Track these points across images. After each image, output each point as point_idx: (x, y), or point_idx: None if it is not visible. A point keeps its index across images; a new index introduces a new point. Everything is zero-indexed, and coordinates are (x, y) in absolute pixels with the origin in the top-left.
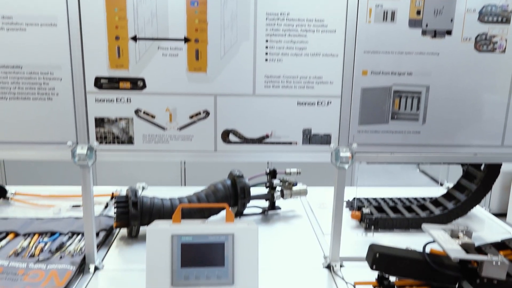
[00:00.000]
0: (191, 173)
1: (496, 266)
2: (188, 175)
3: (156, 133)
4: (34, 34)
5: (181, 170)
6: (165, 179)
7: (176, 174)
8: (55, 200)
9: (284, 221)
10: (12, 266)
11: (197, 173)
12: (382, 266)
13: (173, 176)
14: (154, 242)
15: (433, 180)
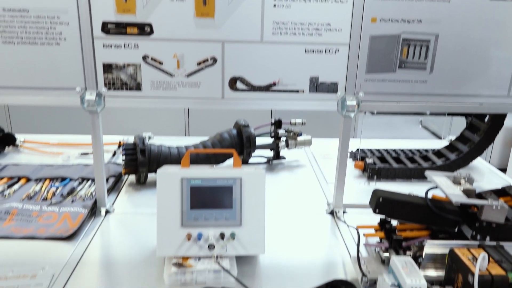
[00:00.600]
0: (195, 124)
1: (495, 210)
2: (192, 125)
3: (163, 79)
4: None
5: (185, 121)
6: (170, 129)
7: (180, 125)
8: (64, 148)
9: (289, 171)
10: (26, 208)
11: (201, 123)
12: (385, 210)
13: (177, 127)
14: (164, 185)
15: (435, 136)
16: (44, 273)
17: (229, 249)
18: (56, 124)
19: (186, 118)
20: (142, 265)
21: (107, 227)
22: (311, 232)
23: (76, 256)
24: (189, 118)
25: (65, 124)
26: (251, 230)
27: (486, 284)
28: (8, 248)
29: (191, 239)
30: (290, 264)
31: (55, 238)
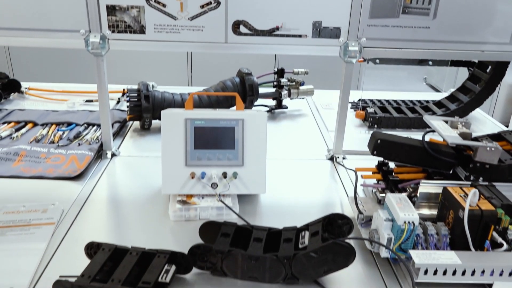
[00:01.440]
0: (198, 74)
1: (489, 151)
2: (195, 76)
3: (167, 22)
4: None
5: (188, 71)
6: (172, 80)
7: (183, 75)
8: (69, 96)
9: (291, 119)
10: (34, 150)
11: (204, 74)
12: (382, 152)
13: (180, 77)
14: (169, 125)
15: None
16: (55, 208)
17: (231, 188)
18: (59, 73)
19: (189, 68)
20: (148, 203)
21: (113, 169)
22: (311, 176)
23: (85, 194)
24: (192, 68)
25: (68, 73)
26: (252, 170)
27: (475, 218)
28: (19, 186)
29: (195, 178)
30: (290, 203)
31: (63, 178)
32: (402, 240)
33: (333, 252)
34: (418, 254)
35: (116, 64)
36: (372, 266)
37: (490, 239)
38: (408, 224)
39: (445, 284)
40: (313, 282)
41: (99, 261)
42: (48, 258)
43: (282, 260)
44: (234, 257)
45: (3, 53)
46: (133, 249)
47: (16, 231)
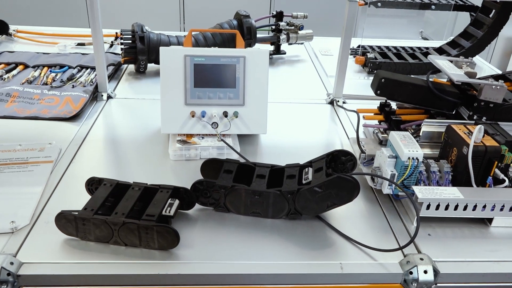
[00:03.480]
0: (191, 21)
1: (495, 89)
2: (187, 23)
3: None
4: None
5: (180, 18)
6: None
7: (175, 23)
8: (59, 39)
9: (289, 65)
10: (27, 91)
11: (197, 20)
12: (386, 91)
13: (173, 25)
14: (168, 62)
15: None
16: (52, 147)
17: (232, 128)
18: (49, 17)
19: (181, 14)
20: (147, 143)
21: (110, 110)
22: (311, 119)
23: (82, 134)
24: (184, 14)
25: (58, 17)
26: (254, 110)
27: (479, 154)
28: (13, 126)
29: (195, 117)
30: (291, 144)
31: (58, 118)
32: (406, 176)
33: (337, 187)
34: (421, 189)
35: (106, 10)
36: (374, 202)
37: (492, 176)
38: (413, 160)
39: (446, 218)
40: (315, 218)
41: (101, 195)
42: (48, 195)
43: (286, 195)
44: (237, 193)
45: None
46: (135, 184)
47: (13, 168)
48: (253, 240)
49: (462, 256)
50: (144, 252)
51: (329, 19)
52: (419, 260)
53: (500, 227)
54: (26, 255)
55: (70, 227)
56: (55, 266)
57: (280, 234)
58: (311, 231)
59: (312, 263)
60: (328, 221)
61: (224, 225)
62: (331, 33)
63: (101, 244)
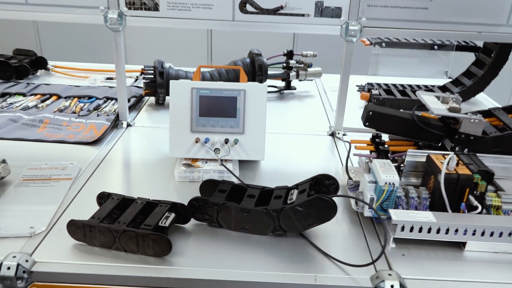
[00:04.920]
0: (218, 56)
1: (473, 123)
2: (214, 58)
3: (179, 0)
4: None
5: (208, 54)
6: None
7: (204, 56)
8: (91, 73)
9: (298, 100)
10: (57, 118)
11: (223, 55)
12: (374, 123)
13: (201, 59)
14: (177, 93)
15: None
16: (73, 166)
17: (232, 154)
18: (83, 54)
19: (209, 51)
20: (156, 165)
21: (128, 137)
22: (310, 149)
23: (100, 156)
24: (212, 51)
25: (92, 53)
26: (252, 137)
27: (452, 182)
28: (42, 149)
29: (199, 143)
30: (287, 170)
31: (82, 142)
32: (383, 199)
33: (316, 207)
34: (396, 212)
35: (137, 46)
36: (357, 225)
37: (467, 203)
38: (389, 185)
39: (423, 241)
40: (299, 236)
41: (108, 207)
42: (65, 206)
43: (271, 213)
44: (228, 210)
45: (32, 32)
46: (139, 199)
47: (38, 184)
48: (239, 252)
49: (432, 275)
50: (141, 258)
51: (339, 58)
52: (387, 275)
53: (474, 251)
54: (40, 256)
55: (79, 233)
56: (63, 266)
57: (265, 248)
58: (293, 247)
59: (289, 274)
60: (311, 239)
61: (215, 238)
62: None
63: (104, 250)
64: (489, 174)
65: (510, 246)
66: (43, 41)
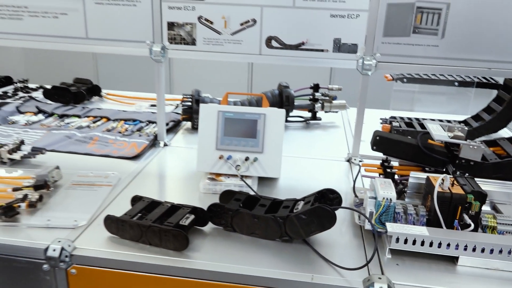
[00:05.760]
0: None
1: (473, 149)
2: (254, 86)
3: (213, 36)
4: None
5: (248, 86)
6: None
7: (244, 85)
8: (137, 101)
9: (323, 129)
10: (105, 137)
11: (262, 85)
12: (381, 147)
13: (242, 87)
14: (205, 115)
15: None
16: (114, 176)
17: (251, 170)
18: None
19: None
20: (185, 179)
21: (164, 154)
22: (326, 171)
23: (138, 169)
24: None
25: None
26: (270, 156)
27: (446, 200)
28: (90, 161)
29: (223, 160)
30: (301, 188)
31: (124, 157)
32: (380, 213)
33: (318, 215)
34: (392, 225)
35: (182, 77)
36: (358, 237)
37: (461, 221)
38: (386, 200)
39: (419, 254)
40: (303, 242)
41: (138, 207)
42: (104, 207)
43: (278, 220)
44: (241, 215)
45: (91, 63)
46: (165, 202)
47: (84, 188)
48: (248, 252)
49: (423, 283)
50: (163, 251)
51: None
52: (378, 279)
53: (466, 266)
54: (80, 243)
55: (112, 227)
56: (98, 252)
57: (271, 250)
58: (296, 251)
59: (289, 273)
60: (314, 246)
61: (229, 240)
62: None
63: (133, 242)
64: (482, 194)
65: (501, 263)
66: (100, 70)
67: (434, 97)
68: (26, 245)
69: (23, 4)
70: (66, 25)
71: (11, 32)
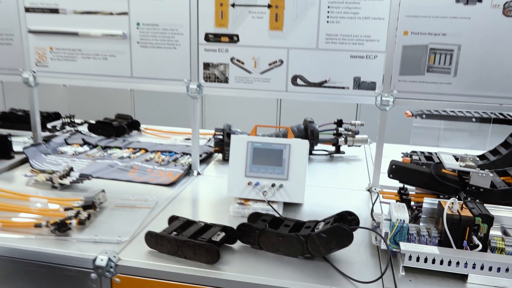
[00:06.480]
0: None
1: (481, 176)
2: (283, 119)
3: (244, 75)
4: (167, 2)
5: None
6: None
7: (273, 119)
8: (172, 135)
9: (346, 162)
10: (144, 166)
11: (290, 119)
12: (396, 175)
13: (271, 121)
14: (235, 145)
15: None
16: (152, 200)
17: (277, 196)
18: (165, 117)
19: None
20: (216, 203)
21: (197, 182)
22: (348, 199)
23: (174, 194)
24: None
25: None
26: (294, 183)
27: (455, 222)
28: (131, 187)
29: (251, 186)
30: (323, 213)
31: (161, 184)
32: (394, 233)
33: (336, 234)
34: (405, 244)
35: (212, 116)
36: (375, 256)
37: (470, 242)
38: (399, 221)
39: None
40: (323, 260)
41: (175, 225)
42: (144, 225)
43: (300, 238)
44: (267, 234)
45: (128, 99)
46: (199, 221)
47: (126, 209)
48: (273, 267)
49: None
50: (196, 264)
51: (393, 129)
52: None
53: (475, 284)
54: (124, 255)
55: (152, 242)
56: (139, 263)
57: (294, 266)
58: (317, 267)
59: (309, 285)
60: (332, 262)
61: (255, 256)
62: (392, 140)
63: (170, 256)
64: (489, 217)
65: (508, 281)
66: (137, 105)
67: (456, 133)
68: (76, 255)
69: (78, 47)
70: (114, 66)
71: (67, 71)
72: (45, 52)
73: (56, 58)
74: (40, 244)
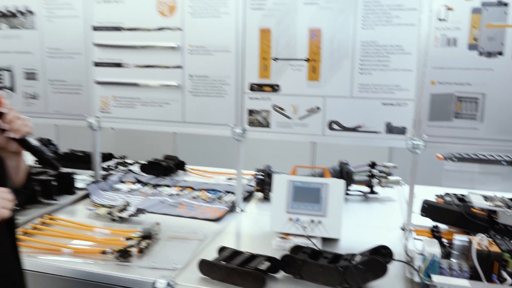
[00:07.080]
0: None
1: (509, 216)
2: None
3: (284, 121)
4: (216, 57)
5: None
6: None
7: (307, 159)
8: (215, 175)
9: (380, 202)
10: (191, 202)
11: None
12: (428, 214)
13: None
14: (278, 184)
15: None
16: (201, 233)
17: (316, 231)
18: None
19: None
20: (259, 237)
21: (241, 218)
22: (382, 236)
23: (220, 229)
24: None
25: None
26: (332, 219)
27: (484, 257)
28: (181, 222)
29: (292, 221)
30: (359, 247)
31: (208, 219)
32: (427, 266)
33: (372, 265)
34: (438, 277)
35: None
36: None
37: (499, 276)
38: (431, 255)
39: None
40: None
41: (224, 255)
42: (195, 255)
43: (339, 269)
44: (308, 265)
45: (170, 141)
46: (246, 252)
47: (178, 241)
48: None
49: None
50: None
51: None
52: None
53: None
54: (179, 280)
55: (205, 269)
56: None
57: None
58: None
59: None
60: None
61: (297, 285)
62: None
63: (220, 282)
64: None
65: None
66: (179, 147)
67: (489, 177)
68: (138, 279)
69: (137, 96)
70: (168, 112)
71: (127, 117)
72: (108, 100)
73: (118, 105)
74: (106, 268)
